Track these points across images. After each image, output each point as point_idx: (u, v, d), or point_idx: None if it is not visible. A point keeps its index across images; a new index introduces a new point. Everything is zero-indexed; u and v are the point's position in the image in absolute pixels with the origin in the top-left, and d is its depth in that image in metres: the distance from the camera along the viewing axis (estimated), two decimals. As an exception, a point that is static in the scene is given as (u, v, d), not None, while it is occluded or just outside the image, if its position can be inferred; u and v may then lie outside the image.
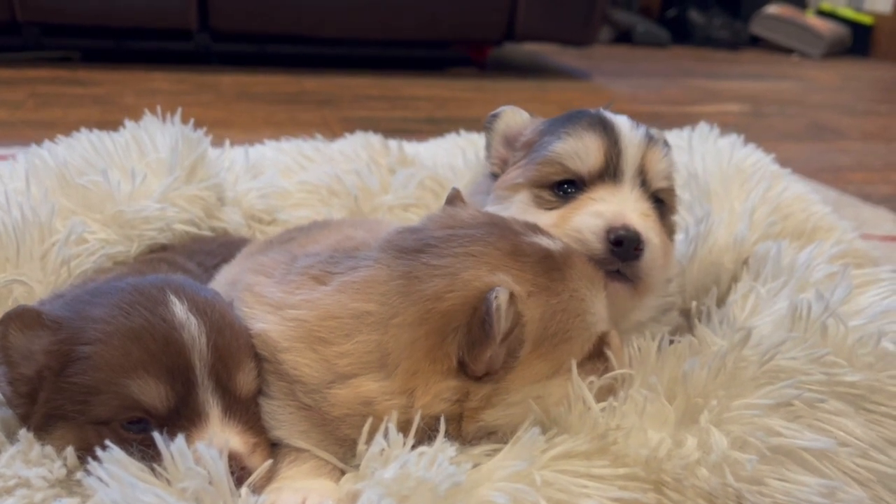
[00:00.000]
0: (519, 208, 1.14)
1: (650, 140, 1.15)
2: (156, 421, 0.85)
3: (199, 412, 0.86)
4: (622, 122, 1.16)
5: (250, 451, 0.88)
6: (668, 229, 1.18)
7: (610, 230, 1.04)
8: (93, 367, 0.84)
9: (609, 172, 1.12)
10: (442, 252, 0.92)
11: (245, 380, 0.91)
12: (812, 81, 4.97)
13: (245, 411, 0.91)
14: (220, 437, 0.85)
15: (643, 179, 1.13)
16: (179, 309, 0.89)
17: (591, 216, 1.07)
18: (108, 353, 0.85)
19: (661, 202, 1.16)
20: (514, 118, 1.25)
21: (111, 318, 0.87)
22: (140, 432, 0.84)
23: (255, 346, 0.94)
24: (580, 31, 4.40)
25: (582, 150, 1.12)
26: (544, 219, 1.09)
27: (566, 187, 1.13)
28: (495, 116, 1.26)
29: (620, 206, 1.08)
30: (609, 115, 1.18)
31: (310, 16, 3.99)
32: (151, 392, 0.84)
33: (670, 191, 1.19)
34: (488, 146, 1.27)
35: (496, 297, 0.83)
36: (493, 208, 1.17)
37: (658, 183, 1.15)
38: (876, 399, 0.98)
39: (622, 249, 1.04)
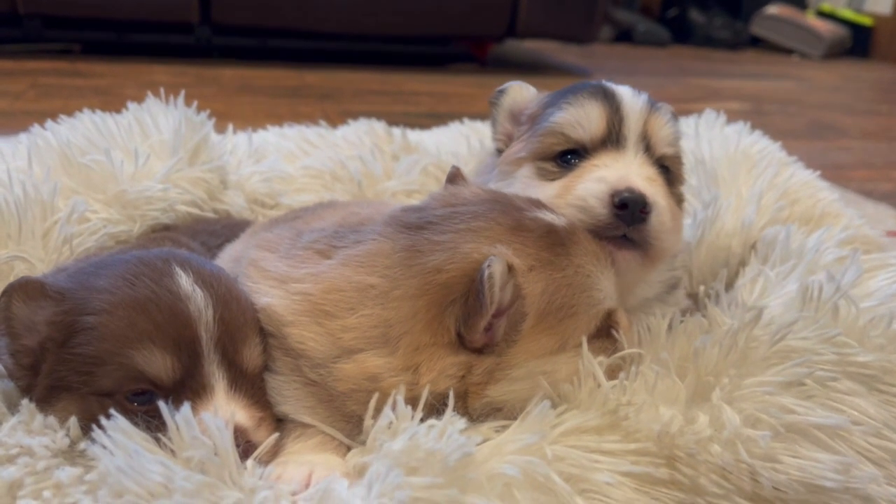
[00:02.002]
0: (522, 182, 1.12)
1: (653, 106, 1.13)
2: (161, 392, 0.83)
3: (204, 384, 0.85)
4: (624, 90, 1.14)
5: (256, 425, 0.87)
6: (676, 197, 1.16)
7: (614, 193, 1.02)
8: (97, 338, 0.83)
9: (611, 139, 1.10)
10: (444, 228, 0.91)
11: (251, 354, 0.90)
12: (812, 81, 4.97)
13: (251, 385, 0.89)
14: (225, 409, 0.84)
15: (647, 145, 1.11)
16: (185, 281, 0.88)
17: (595, 182, 1.05)
18: (113, 323, 0.83)
19: (667, 170, 1.14)
20: (521, 93, 1.24)
21: (116, 288, 0.86)
22: (144, 404, 0.83)
23: (261, 320, 0.92)
24: (581, 29, 4.39)
25: (583, 118, 1.10)
26: (548, 190, 1.08)
27: (569, 157, 1.11)
28: (502, 92, 1.24)
29: (624, 170, 1.06)
30: (610, 84, 1.16)
31: (312, 10, 3.98)
32: (157, 363, 0.83)
33: (676, 158, 1.16)
34: (494, 122, 1.25)
35: (489, 265, 0.82)
36: (496, 184, 1.15)
37: (662, 149, 1.13)
38: (888, 380, 0.97)
39: (627, 213, 1.01)
